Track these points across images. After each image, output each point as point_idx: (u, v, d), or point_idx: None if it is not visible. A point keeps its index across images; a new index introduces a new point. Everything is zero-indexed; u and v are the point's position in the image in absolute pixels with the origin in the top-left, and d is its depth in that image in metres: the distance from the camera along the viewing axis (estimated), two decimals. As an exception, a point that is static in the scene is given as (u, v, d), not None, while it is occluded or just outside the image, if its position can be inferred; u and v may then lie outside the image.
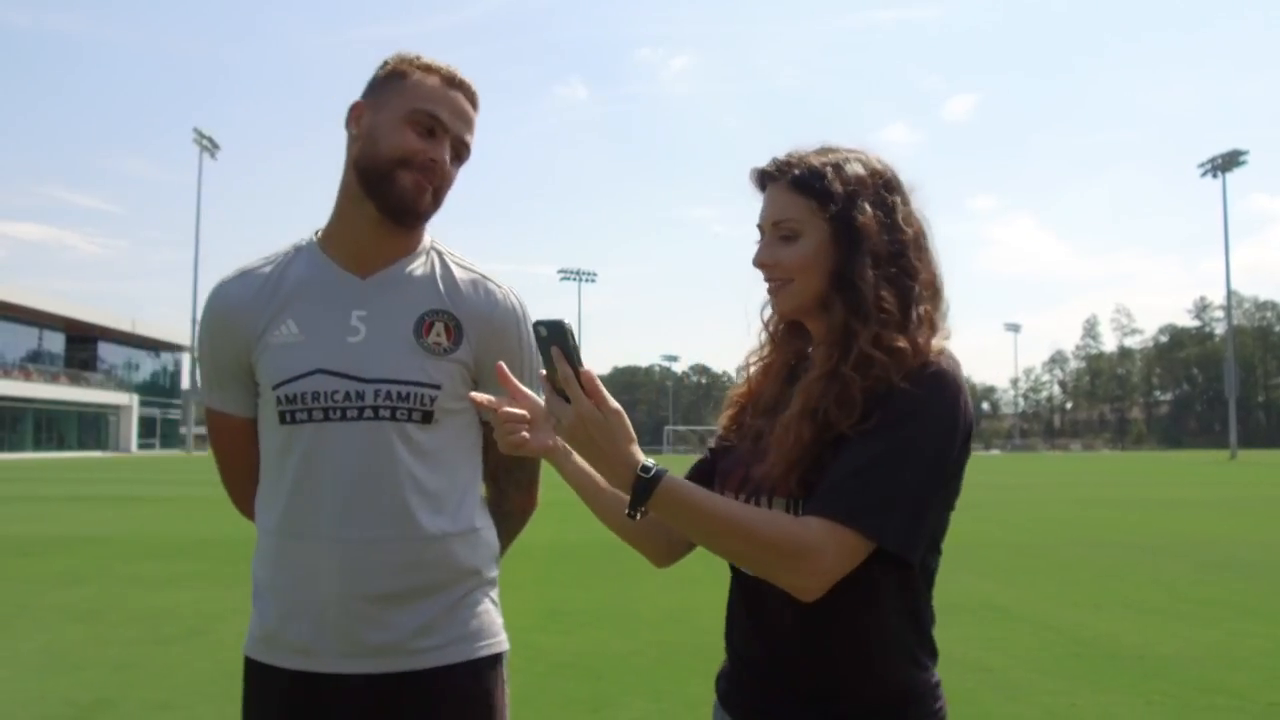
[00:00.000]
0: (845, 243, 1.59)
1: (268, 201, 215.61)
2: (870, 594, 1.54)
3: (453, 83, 1.88)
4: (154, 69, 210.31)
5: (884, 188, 1.62)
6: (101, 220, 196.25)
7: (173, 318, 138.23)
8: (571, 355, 1.46)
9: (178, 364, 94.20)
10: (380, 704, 1.81)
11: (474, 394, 1.68)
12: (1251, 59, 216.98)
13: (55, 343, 79.79)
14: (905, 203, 1.64)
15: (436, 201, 1.88)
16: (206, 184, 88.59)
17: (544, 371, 1.50)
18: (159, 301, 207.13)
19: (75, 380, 77.65)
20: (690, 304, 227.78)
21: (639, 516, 1.48)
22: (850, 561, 1.46)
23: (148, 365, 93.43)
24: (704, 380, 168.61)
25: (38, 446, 71.39)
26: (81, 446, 75.93)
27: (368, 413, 1.82)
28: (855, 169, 1.62)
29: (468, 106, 1.90)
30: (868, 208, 1.59)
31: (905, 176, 1.67)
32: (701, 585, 8.82)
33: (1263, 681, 5.88)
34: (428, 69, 1.87)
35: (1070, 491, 26.71)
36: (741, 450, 1.71)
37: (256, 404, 1.93)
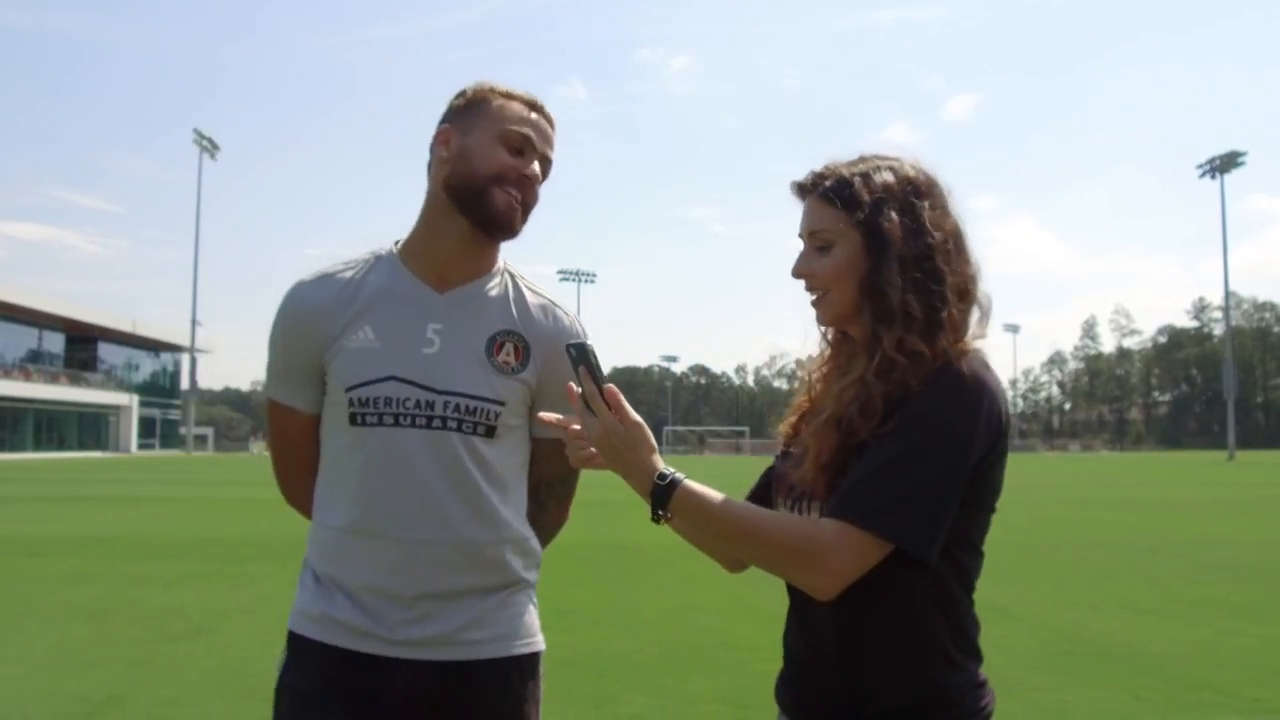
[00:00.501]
0: (874, 250, 1.63)
1: (267, 202, 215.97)
2: (901, 595, 1.58)
3: (534, 107, 2.00)
4: (154, 69, 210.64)
5: (912, 194, 1.66)
6: (102, 220, 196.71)
7: (173, 318, 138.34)
8: (595, 373, 1.58)
9: (177, 364, 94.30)
10: (425, 690, 1.90)
11: (545, 414, 1.77)
12: (1251, 59, 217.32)
13: (55, 343, 79.87)
14: (936, 207, 1.67)
15: (525, 218, 1.99)
16: (206, 184, 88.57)
17: (574, 387, 1.61)
18: (159, 301, 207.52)
19: (75, 380, 77.75)
20: (689, 304, 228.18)
21: (661, 521, 1.58)
22: (864, 561, 1.51)
23: (148, 365, 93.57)
24: (703, 381, 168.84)
25: (38, 447, 71.46)
26: (82, 447, 76.02)
27: (436, 422, 1.91)
28: (884, 177, 1.66)
29: (549, 128, 2.03)
30: (893, 215, 1.63)
31: (942, 179, 1.71)
32: (702, 585, 8.94)
33: (1249, 679, 6.00)
34: (509, 95, 1.99)
35: (1068, 492, 26.80)
36: (794, 457, 1.75)
37: (322, 402, 2.01)
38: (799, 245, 1.74)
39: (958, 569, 1.63)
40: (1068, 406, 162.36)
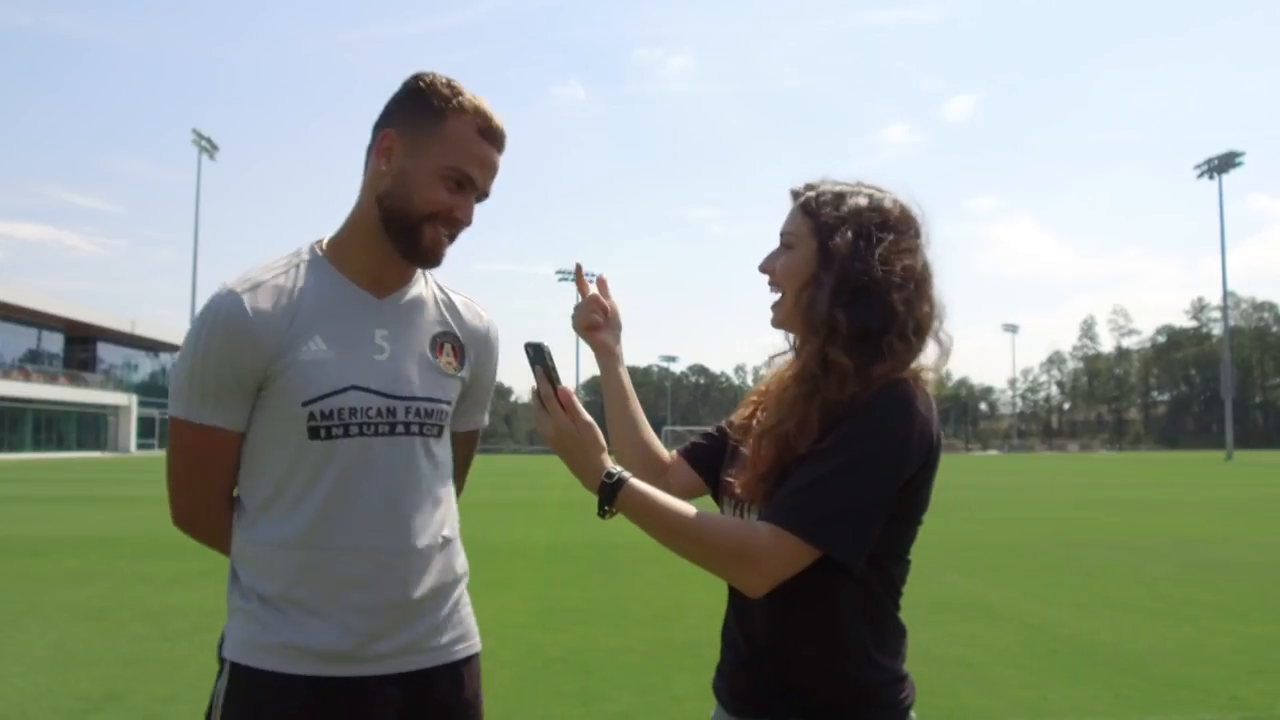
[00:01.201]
0: (820, 263, 1.72)
1: (266, 202, 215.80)
2: (829, 599, 1.67)
3: (489, 134, 1.90)
4: (154, 69, 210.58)
5: (878, 224, 1.72)
6: (101, 220, 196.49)
7: (171, 318, 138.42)
8: (551, 374, 1.67)
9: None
10: (394, 705, 1.87)
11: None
12: (1251, 59, 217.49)
13: (54, 343, 79.93)
14: (902, 244, 1.73)
15: (451, 243, 1.96)
16: (205, 185, 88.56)
17: (533, 387, 1.70)
18: (157, 302, 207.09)
19: (74, 381, 77.81)
20: (689, 304, 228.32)
21: (606, 516, 1.66)
22: (793, 565, 1.60)
23: (146, 365, 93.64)
24: (702, 381, 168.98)
25: (37, 447, 71.51)
26: (81, 447, 76.08)
27: (399, 428, 1.90)
28: (857, 201, 1.74)
29: (497, 158, 1.94)
30: (848, 235, 1.70)
31: (923, 223, 1.78)
32: (692, 585, 9.04)
33: (1229, 676, 6.11)
34: (463, 111, 1.87)
35: (1064, 493, 26.92)
36: (740, 459, 1.84)
37: (249, 419, 1.90)
38: None
39: (884, 577, 1.72)
40: (1066, 406, 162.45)
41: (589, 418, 1.66)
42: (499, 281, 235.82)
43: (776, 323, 1.83)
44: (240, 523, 1.92)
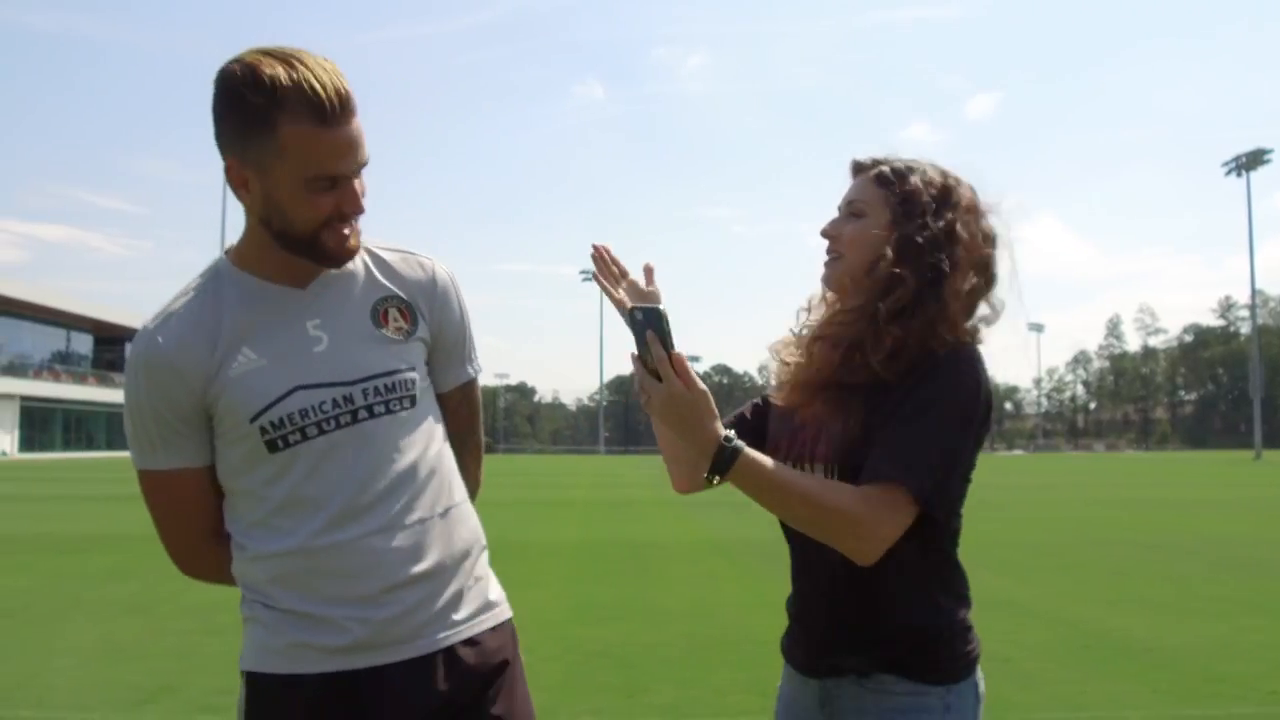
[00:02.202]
0: (904, 233, 1.78)
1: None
2: (906, 553, 1.71)
3: (325, 118, 1.66)
4: (176, 70, 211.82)
5: (944, 198, 1.82)
6: (125, 221, 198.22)
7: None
8: (665, 340, 1.62)
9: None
10: (418, 687, 1.81)
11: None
12: (1273, 57, 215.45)
13: (83, 344, 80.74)
14: (964, 217, 1.82)
15: (356, 228, 1.82)
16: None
17: (634, 352, 1.66)
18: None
19: (103, 381, 78.50)
20: (710, 304, 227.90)
21: (716, 483, 1.67)
22: (901, 527, 1.66)
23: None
24: (725, 380, 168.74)
25: (67, 446, 72.22)
26: (110, 446, 76.72)
27: (362, 413, 1.80)
28: (932, 176, 1.84)
29: (353, 128, 1.72)
30: (919, 206, 1.80)
31: (981, 197, 1.87)
32: (723, 581, 9.14)
33: (1265, 672, 6.14)
34: (286, 109, 1.64)
35: (1091, 492, 26.84)
36: (785, 421, 1.90)
37: (213, 448, 1.83)
38: (821, 244, 1.91)
39: (951, 530, 1.82)
40: (1092, 406, 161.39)
41: (703, 385, 1.64)
42: (518, 280, 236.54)
43: (835, 282, 1.87)
44: (234, 550, 1.85)
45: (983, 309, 1.85)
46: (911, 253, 1.77)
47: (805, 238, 1.95)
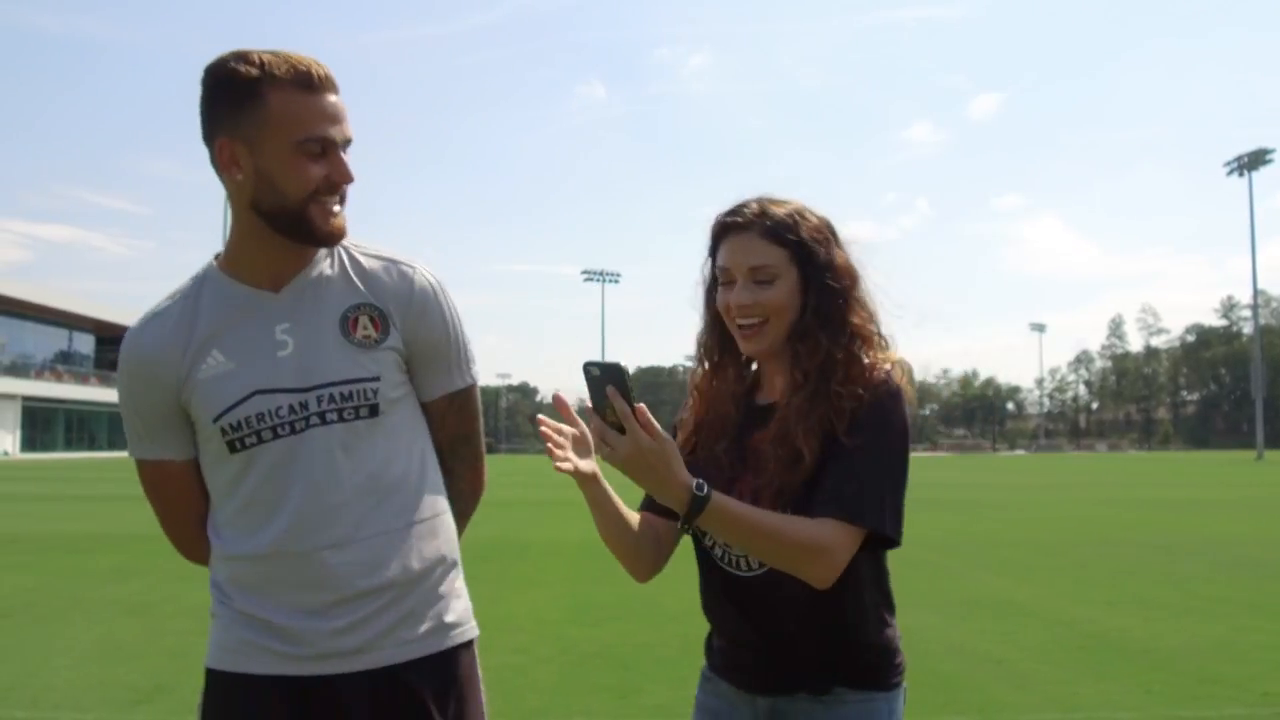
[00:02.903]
0: (816, 285, 1.87)
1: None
2: (855, 573, 1.82)
3: (312, 86, 1.76)
4: (178, 71, 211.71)
5: (831, 233, 1.92)
6: (128, 222, 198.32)
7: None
8: (628, 394, 1.65)
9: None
10: (362, 702, 1.82)
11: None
12: (1276, 58, 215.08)
13: (85, 344, 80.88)
14: (843, 250, 1.93)
15: (344, 205, 1.87)
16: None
17: (588, 405, 1.70)
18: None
19: (105, 381, 78.55)
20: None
21: (687, 530, 1.77)
22: (852, 552, 1.76)
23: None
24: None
25: (69, 446, 72.35)
26: (112, 447, 76.85)
27: (314, 419, 1.81)
28: (811, 219, 1.90)
29: (338, 100, 1.80)
30: (828, 252, 1.89)
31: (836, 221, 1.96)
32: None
33: (1260, 673, 6.14)
34: (281, 81, 1.74)
35: (1092, 492, 26.81)
36: (711, 470, 1.90)
37: (194, 443, 1.90)
38: None
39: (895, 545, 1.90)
40: (1094, 406, 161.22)
41: (666, 434, 1.68)
42: (521, 281, 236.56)
43: (762, 349, 1.92)
44: (210, 537, 1.92)
45: (884, 343, 1.93)
46: (826, 309, 1.87)
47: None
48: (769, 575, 1.85)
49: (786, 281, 1.87)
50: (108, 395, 76.25)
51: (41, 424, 70.18)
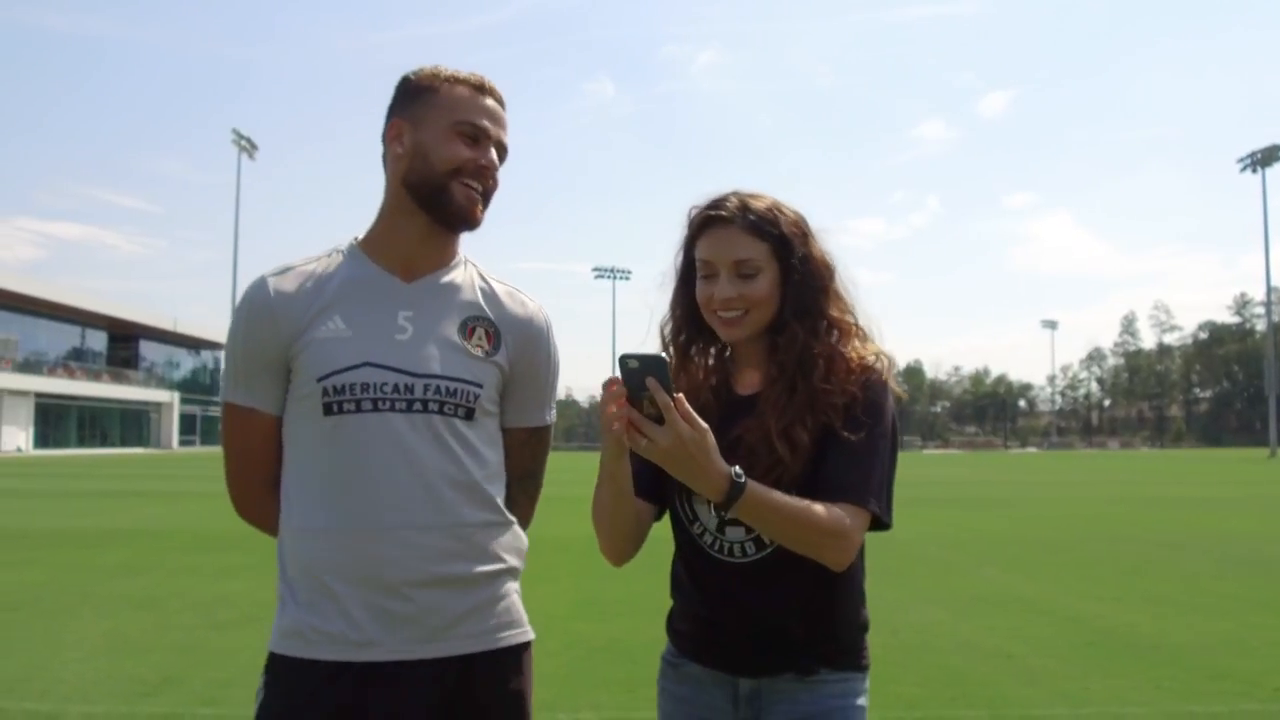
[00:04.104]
0: (796, 276, 1.93)
1: (305, 201, 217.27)
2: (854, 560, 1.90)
3: (482, 89, 1.98)
4: (192, 70, 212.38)
5: (808, 228, 1.98)
6: (141, 220, 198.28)
7: (210, 316, 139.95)
8: (668, 385, 1.68)
9: (217, 362, 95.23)
10: (424, 690, 1.85)
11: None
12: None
13: (98, 341, 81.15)
14: (819, 240, 1.99)
15: (485, 207, 1.99)
16: (245, 184, 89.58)
17: (627, 397, 1.69)
18: (196, 300, 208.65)
19: (117, 378, 78.97)
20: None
21: (727, 514, 1.81)
22: (864, 534, 1.85)
23: (188, 363, 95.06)
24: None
25: (81, 443, 72.61)
26: (124, 443, 77.22)
27: (416, 405, 1.88)
28: (790, 214, 1.97)
29: (500, 110, 2.00)
30: (807, 245, 1.95)
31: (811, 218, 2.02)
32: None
33: (1271, 669, 6.12)
34: (455, 80, 1.97)
35: (1102, 490, 26.75)
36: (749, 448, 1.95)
37: (284, 402, 1.95)
38: None
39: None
40: (1107, 403, 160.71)
41: (704, 423, 1.71)
42: (533, 279, 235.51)
43: (741, 337, 1.97)
44: (281, 509, 1.96)
45: (863, 334, 1.99)
46: (804, 302, 1.93)
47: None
48: (766, 562, 1.91)
49: (768, 275, 1.93)
50: (120, 392, 76.69)
51: (54, 420, 70.41)
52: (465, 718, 1.89)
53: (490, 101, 1.98)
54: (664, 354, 1.72)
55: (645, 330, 2.13)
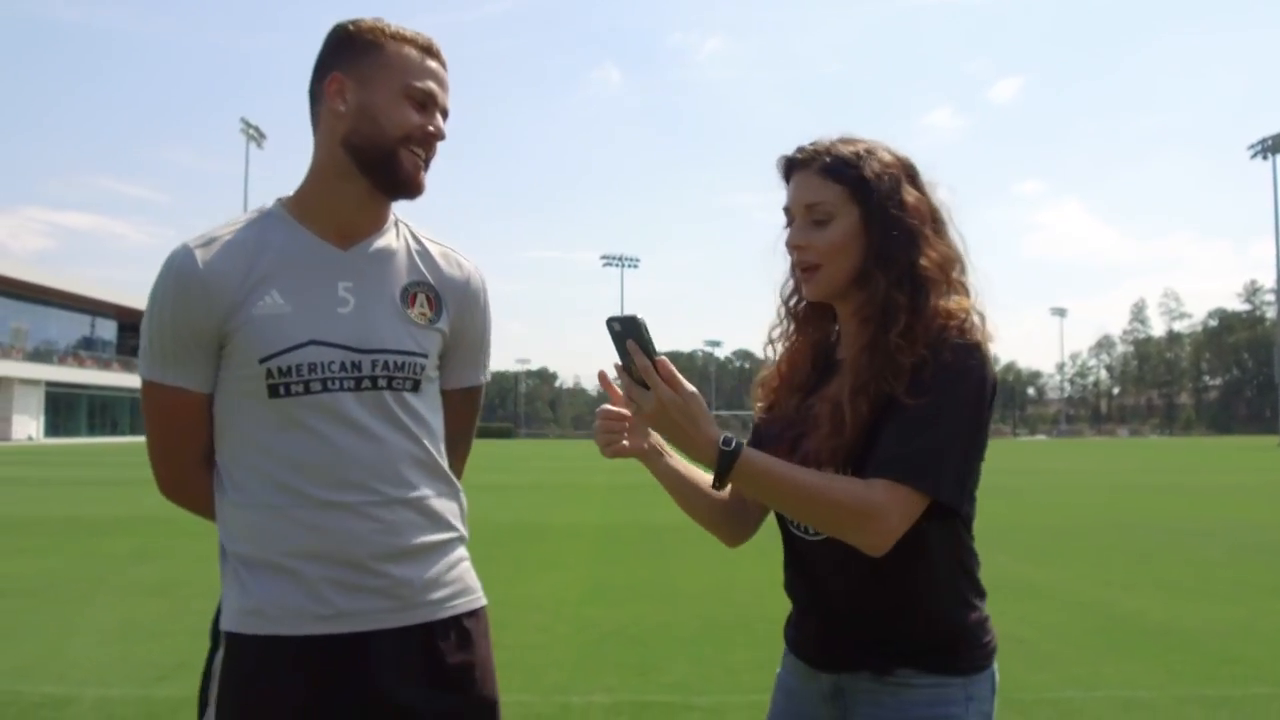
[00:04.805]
0: (879, 224, 1.71)
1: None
2: (921, 544, 1.68)
3: (430, 51, 1.88)
4: (200, 60, 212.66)
5: (907, 173, 1.77)
6: (150, 209, 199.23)
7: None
8: (648, 347, 1.59)
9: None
10: (393, 659, 1.82)
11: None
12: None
13: (108, 330, 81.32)
14: (922, 187, 1.78)
15: (427, 169, 1.90)
16: (253, 173, 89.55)
17: (618, 363, 1.64)
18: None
19: (127, 367, 79.04)
20: (732, 289, 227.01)
21: (722, 487, 1.64)
22: (911, 518, 1.61)
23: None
24: (746, 365, 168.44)
25: (91, 432, 72.85)
26: (133, 431, 77.27)
27: (365, 383, 1.82)
28: (883, 156, 1.76)
29: (445, 73, 1.90)
30: (898, 188, 1.73)
31: (920, 164, 1.81)
32: (738, 564, 9.09)
33: (1282, 654, 6.11)
34: (402, 38, 1.86)
35: (1112, 477, 26.69)
36: (781, 428, 1.84)
37: (216, 379, 1.85)
38: None
39: (962, 515, 1.74)
40: (1116, 391, 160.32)
41: (692, 388, 1.60)
42: (541, 268, 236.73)
43: (820, 295, 1.81)
44: (217, 486, 1.88)
45: (964, 283, 1.79)
46: (888, 249, 1.73)
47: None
48: (829, 541, 1.72)
49: (844, 221, 1.74)
50: (130, 381, 76.65)
51: (65, 409, 70.65)
52: (434, 685, 1.85)
53: (437, 65, 1.89)
54: (637, 315, 1.61)
55: (655, 318, 1.99)
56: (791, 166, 1.81)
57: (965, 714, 1.73)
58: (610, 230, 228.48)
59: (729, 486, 1.68)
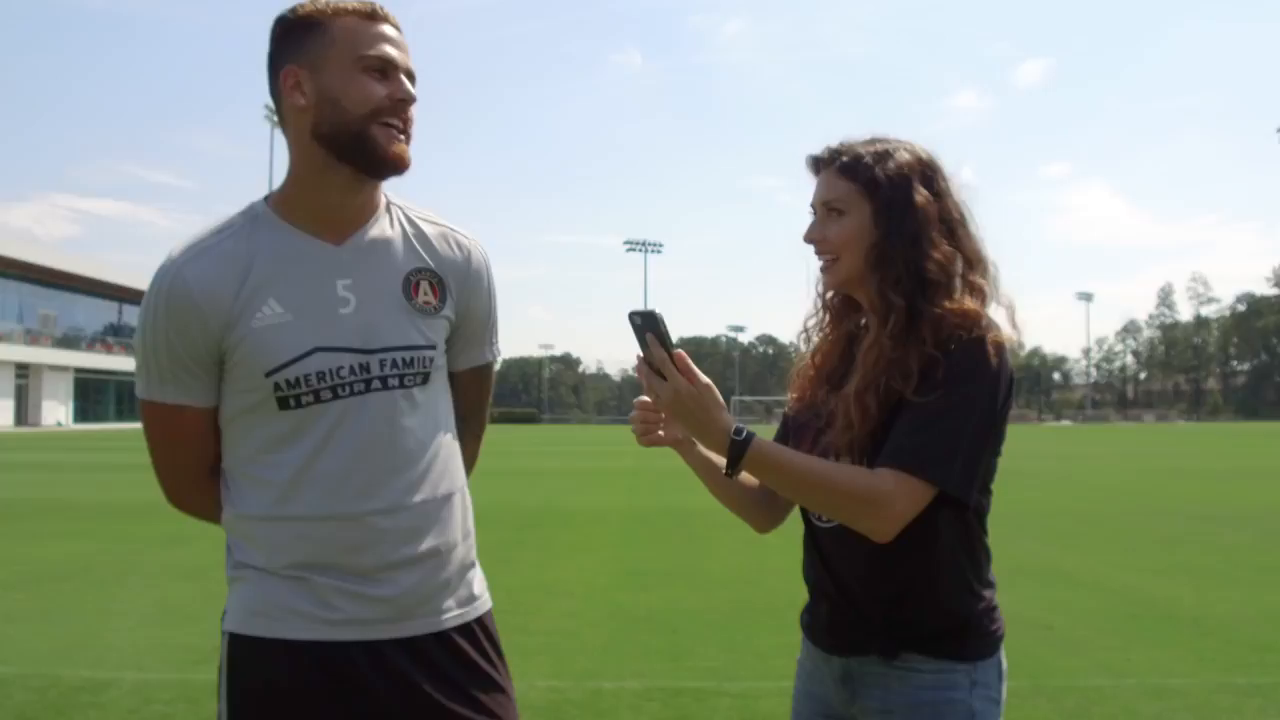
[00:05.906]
0: (885, 221, 1.80)
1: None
2: (930, 534, 1.75)
3: (375, 16, 1.78)
4: (224, 45, 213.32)
5: (921, 172, 1.83)
6: (176, 196, 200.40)
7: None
8: (665, 340, 1.67)
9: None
10: (403, 667, 1.80)
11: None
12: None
13: (135, 316, 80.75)
14: (942, 186, 1.84)
15: (409, 142, 1.81)
16: (278, 158, 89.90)
17: (639, 355, 1.70)
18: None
19: (155, 353, 79.52)
20: (756, 274, 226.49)
21: (734, 475, 1.72)
22: (917, 506, 1.69)
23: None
24: (770, 350, 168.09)
25: (119, 417, 73.36)
26: (161, 417, 77.89)
27: (375, 384, 1.78)
28: (901, 156, 1.83)
29: (399, 33, 1.80)
30: (907, 190, 1.80)
31: (946, 164, 1.88)
32: (769, 549, 9.09)
33: (1314, 641, 6.07)
34: (341, 11, 1.76)
35: (1139, 462, 26.53)
36: (808, 419, 1.93)
37: (219, 391, 1.81)
38: None
39: (975, 508, 1.81)
40: (1143, 376, 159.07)
41: (707, 379, 1.68)
42: (563, 251, 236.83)
43: (835, 285, 1.90)
44: (226, 496, 1.83)
45: (979, 285, 1.84)
46: (890, 249, 1.79)
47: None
48: (840, 528, 1.80)
49: (855, 216, 1.83)
50: (157, 367, 77.17)
51: (93, 395, 71.24)
52: (445, 693, 1.82)
53: (388, 27, 1.78)
54: (655, 309, 1.69)
55: (678, 303, 2.04)
56: (817, 165, 1.90)
57: (969, 699, 1.79)
58: (632, 213, 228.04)
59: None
